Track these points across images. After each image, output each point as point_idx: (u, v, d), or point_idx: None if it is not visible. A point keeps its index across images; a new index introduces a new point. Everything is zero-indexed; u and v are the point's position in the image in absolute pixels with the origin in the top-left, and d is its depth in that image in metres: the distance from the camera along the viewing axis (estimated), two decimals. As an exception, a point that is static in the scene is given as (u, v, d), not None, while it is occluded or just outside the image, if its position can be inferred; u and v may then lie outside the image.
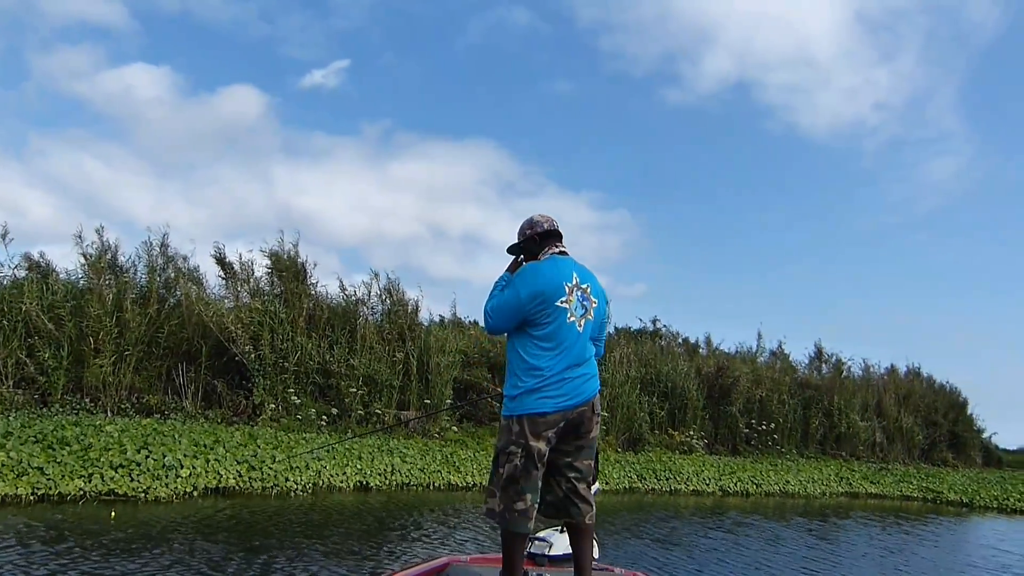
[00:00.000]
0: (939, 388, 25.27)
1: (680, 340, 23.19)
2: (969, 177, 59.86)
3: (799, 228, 57.62)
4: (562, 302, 3.35)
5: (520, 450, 3.32)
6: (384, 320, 15.94)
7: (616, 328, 23.03)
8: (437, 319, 18.43)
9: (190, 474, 8.00)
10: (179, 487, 7.84)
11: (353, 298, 15.80)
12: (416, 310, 16.68)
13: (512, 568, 3.40)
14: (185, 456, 8.22)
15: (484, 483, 11.13)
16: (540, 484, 3.39)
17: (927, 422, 23.43)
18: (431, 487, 10.61)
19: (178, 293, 14.21)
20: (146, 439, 8.50)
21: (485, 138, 59.48)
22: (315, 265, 15.42)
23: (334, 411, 13.61)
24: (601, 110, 60.41)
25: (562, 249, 3.61)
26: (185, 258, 14.62)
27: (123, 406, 12.35)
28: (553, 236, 3.64)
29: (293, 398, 13.16)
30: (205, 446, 8.92)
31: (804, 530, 10.32)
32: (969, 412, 25.43)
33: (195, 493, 7.99)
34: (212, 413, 12.81)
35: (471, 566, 3.91)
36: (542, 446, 3.29)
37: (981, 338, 57.63)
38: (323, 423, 13.24)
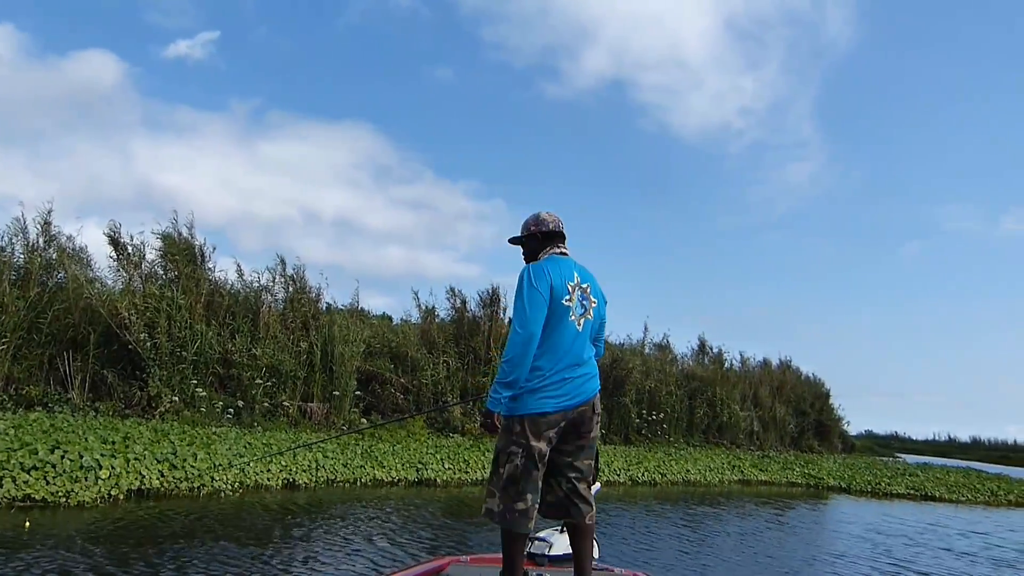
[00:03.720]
0: (806, 380, 27.19)
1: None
2: (822, 181, 64.97)
3: (671, 225, 60.46)
4: (565, 301, 3.31)
5: (521, 450, 3.26)
6: (287, 308, 15.36)
7: (509, 319, 23.32)
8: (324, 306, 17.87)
9: (110, 475, 7.36)
10: (101, 490, 7.23)
11: (256, 284, 15.15)
12: (319, 298, 16.24)
13: (512, 568, 3.35)
14: (102, 456, 7.56)
15: (408, 478, 11.03)
16: (540, 484, 3.36)
17: (797, 412, 25.20)
18: (357, 483, 10.34)
19: (61, 275, 13.10)
20: (54, 437, 7.77)
21: (362, 121, 58.21)
22: (214, 249, 14.66)
23: (240, 403, 13.00)
24: (481, 99, 60.73)
25: (563, 250, 3.56)
26: (70, 237, 13.52)
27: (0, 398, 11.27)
28: (556, 237, 3.58)
29: (199, 390, 12.44)
30: (114, 443, 8.27)
31: (735, 514, 10.89)
32: (831, 402, 27.54)
33: (120, 496, 7.38)
34: (102, 406, 11.91)
35: (471, 566, 3.87)
36: (543, 446, 3.26)
37: (827, 331, 62.76)
38: (229, 416, 12.62)
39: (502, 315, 18.26)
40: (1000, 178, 69.13)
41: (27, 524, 6.08)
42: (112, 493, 7.33)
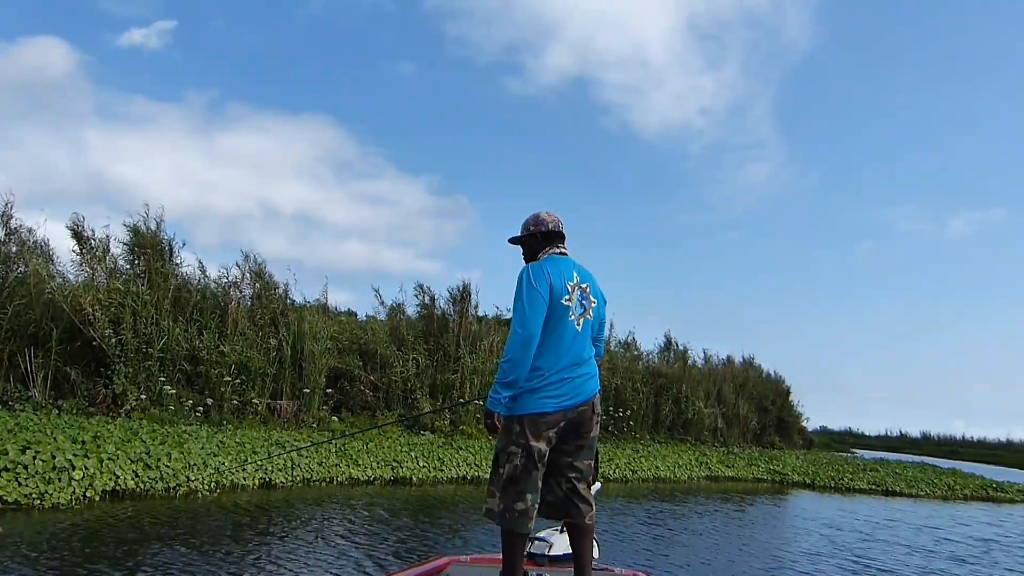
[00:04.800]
0: (767, 377, 27.64)
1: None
2: (779, 182, 66.26)
3: (634, 223, 60.97)
4: (565, 301, 3.31)
5: (520, 450, 3.26)
6: (255, 304, 15.13)
7: (478, 317, 23.29)
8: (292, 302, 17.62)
9: (83, 476, 7.18)
10: (76, 491, 7.04)
11: (224, 280, 14.90)
12: (287, 294, 16.03)
13: (512, 568, 3.36)
14: (75, 456, 7.36)
15: (384, 476, 10.97)
16: (540, 484, 3.36)
17: (759, 408, 25.61)
18: (334, 481, 10.26)
19: (22, 269, 12.73)
20: (22, 437, 7.50)
21: (323, 114, 57.53)
22: (183, 244, 14.38)
23: (209, 401, 12.78)
24: (444, 95, 60.48)
25: (562, 250, 3.56)
26: (31, 230, 13.14)
27: (-44, 396, 10.91)
28: (556, 237, 3.58)
29: (167, 388, 12.20)
30: (84, 443, 8.05)
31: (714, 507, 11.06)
32: (791, 399, 28.01)
33: (95, 497, 7.21)
34: (66, 404, 11.59)
35: (471, 566, 3.88)
36: (542, 446, 3.27)
37: (782, 329, 64.07)
38: (198, 414, 12.40)
39: (472, 312, 18.23)
40: (950, 181, 71.22)
41: (-1, 529, 5.90)
42: (87, 494, 7.16)
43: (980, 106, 69.08)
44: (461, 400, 15.98)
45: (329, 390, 15.21)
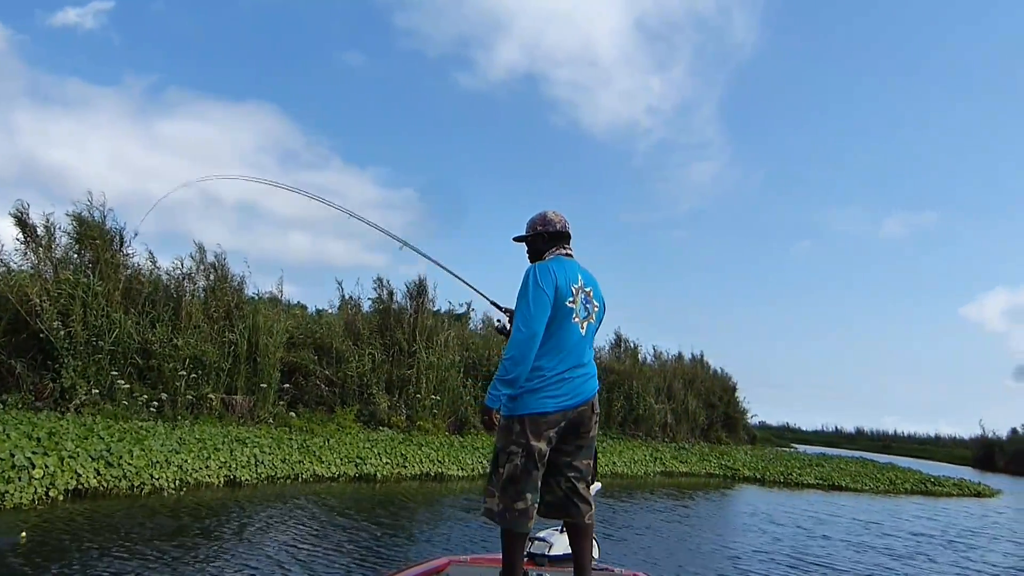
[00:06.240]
0: (715, 374, 28.23)
1: (494, 324, 23.65)
2: (723, 182, 67.62)
3: (583, 220, 61.34)
4: (569, 303, 3.35)
5: (520, 450, 3.29)
6: (209, 297, 14.77)
7: (434, 311, 23.12)
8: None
9: (44, 475, 6.91)
10: (37, 490, 6.78)
11: (177, 272, 14.49)
12: (241, 286, 15.67)
13: (512, 568, 3.40)
14: (34, 454, 7.09)
15: (348, 473, 10.85)
16: (540, 484, 3.37)
17: (707, 404, 26.14)
18: (299, 479, 10.10)
19: (-37, 258, 12.16)
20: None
21: (267, 103, 56.28)
22: (135, 234, 13.91)
23: (163, 396, 12.42)
24: (393, 86, 59.80)
25: (568, 251, 3.60)
26: (-28, 217, 12.54)
27: None
28: (563, 238, 3.62)
29: (120, 382, 11.82)
30: (39, 439, 7.74)
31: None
32: (737, 395, 28.64)
33: (58, 497, 6.94)
34: (10, 398, 11.13)
35: (471, 566, 3.90)
36: (543, 446, 3.31)
37: (723, 325, 65.45)
38: (152, 409, 12.05)
39: (430, 307, 18.16)
40: (886, 183, 73.54)
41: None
42: (50, 494, 6.91)
43: (917, 110, 71.68)
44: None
45: (285, 385, 14.96)
